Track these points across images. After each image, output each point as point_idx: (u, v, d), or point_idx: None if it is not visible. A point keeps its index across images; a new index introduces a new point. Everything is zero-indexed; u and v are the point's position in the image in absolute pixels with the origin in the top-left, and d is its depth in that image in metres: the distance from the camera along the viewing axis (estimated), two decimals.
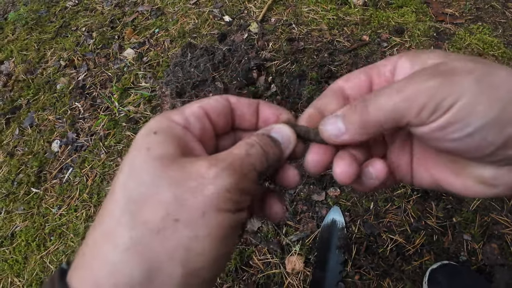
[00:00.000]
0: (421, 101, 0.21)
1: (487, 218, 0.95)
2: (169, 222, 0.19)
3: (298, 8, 1.44)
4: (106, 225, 0.20)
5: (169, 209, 0.19)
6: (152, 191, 0.20)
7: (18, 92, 1.60)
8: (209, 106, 0.25)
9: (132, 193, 0.20)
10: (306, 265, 0.94)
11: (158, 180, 0.20)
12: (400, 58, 0.26)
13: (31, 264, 1.12)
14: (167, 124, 0.23)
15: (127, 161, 0.21)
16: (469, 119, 0.21)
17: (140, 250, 0.19)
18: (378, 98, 0.23)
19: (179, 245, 0.19)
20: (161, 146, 0.21)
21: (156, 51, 1.49)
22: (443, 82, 0.21)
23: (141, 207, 0.19)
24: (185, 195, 0.20)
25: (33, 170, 1.31)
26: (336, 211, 0.99)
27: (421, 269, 0.91)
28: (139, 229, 0.19)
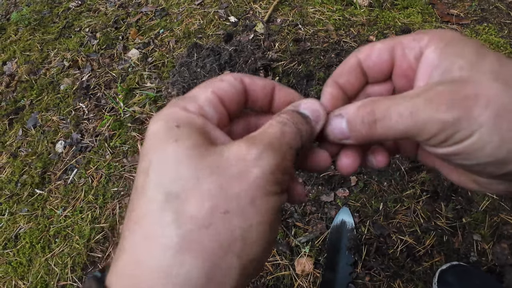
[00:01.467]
0: (432, 131, 0.21)
1: (496, 218, 0.95)
2: (218, 215, 0.18)
3: (304, 8, 1.44)
4: (147, 227, 0.18)
5: (216, 200, 0.18)
6: (193, 184, 0.18)
7: (21, 93, 1.58)
8: (223, 92, 0.24)
9: (170, 189, 0.18)
10: (315, 267, 0.94)
11: (197, 170, 0.19)
12: (430, 46, 0.24)
13: (36, 266, 1.11)
14: (186, 116, 0.21)
15: (155, 156, 0.20)
16: (476, 155, 0.20)
17: (194, 248, 0.17)
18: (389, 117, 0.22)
19: (234, 237, 0.18)
20: (190, 137, 0.20)
21: (161, 51, 1.49)
22: (460, 117, 0.20)
23: (184, 202, 0.18)
24: (230, 183, 0.18)
25: (37, 171, 1.29)
26: (345, 212, 0.98)
27: (432, 270, 0.90)
28: (187, 226, 0.18)
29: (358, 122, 0.23)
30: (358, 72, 0.27)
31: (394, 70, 0.26)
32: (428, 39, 0.24)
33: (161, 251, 0.17)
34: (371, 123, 0.22)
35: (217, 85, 0.24)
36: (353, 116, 0.24)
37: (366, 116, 0.23)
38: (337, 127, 0.25)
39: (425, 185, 1.00)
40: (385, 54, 0.26)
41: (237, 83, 0.24)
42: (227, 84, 0.24)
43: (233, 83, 0.24)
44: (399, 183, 1.02)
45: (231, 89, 0.24)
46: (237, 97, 0.24)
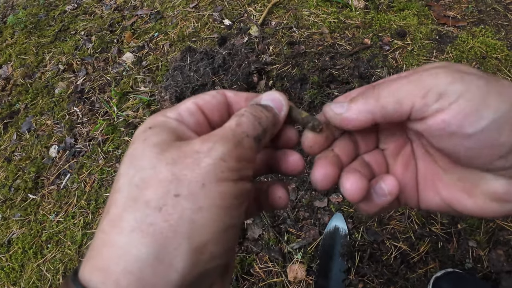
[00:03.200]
0: (426, 83, 0.21)
1: (492, 224, 0.93)
2: (170, 198, 0.19)
3: (299, 11, 1.43)
4: (112, 213, 0.20)
5: (169, 186, 0.19)
6: (151, 174, 0.20)
7: (16, 97, 1.58)
8: (203, 102, 0.26)
9: (133, 180, 0.20)
10: (308, 274, 0.92)
11: (156, 162, 0.20)
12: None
13: (28, 272, 1.10)
14: (162, 119, 0.24)
15: (127, 154, 0.22)
16: (482, 112, 0.20)
17: (145, 229, 0.19)
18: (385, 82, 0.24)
19: (183, 218, 0.19)
20: (157, 135, 0.22)
21: (156, 55, 1.48)
22: (449, 71, 0.21)
23: (143, 190, 0.20)
24: (183, 171, 0.20)
25: (30, 175, 1.29)
26: (339, 218, 0.97)
27: (426, 277, 0.89)
28: (142, 210, 0.19)
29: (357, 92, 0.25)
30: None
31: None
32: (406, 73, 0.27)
33: (119, 233, 0.19)
34: (369, 87, 0.24)
35: (200, 97, 0.26)
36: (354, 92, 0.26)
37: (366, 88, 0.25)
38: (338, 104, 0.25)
39: None
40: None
41: (219, 95, 0.26)
42: (208, 96, 0.26)
43: (214, 95, 0.26)
44: None
45: (211, 100, 0.26)
46: (218, 106, 0.26)
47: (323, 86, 1.18)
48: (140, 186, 0.20)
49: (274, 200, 0.27)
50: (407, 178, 0.27)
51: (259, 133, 0.23)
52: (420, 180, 0.27)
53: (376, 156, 0.29)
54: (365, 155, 0.29)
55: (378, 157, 0.29)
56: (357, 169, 0.26)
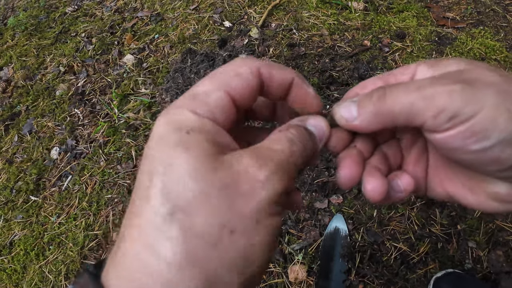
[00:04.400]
0: (440, 103, 0.21)
1: (491, 225, 0.94)
2: (226, 234, 0.18)
3: (299, 13, 1.44)
4: (151, 238, 0.18)
5: (224, 218, 0.18)
6: (202, 199, 0.18)
7: (17, 99, 1.59)
8: (237, 92, 0.22)
9: (177, 202, 0.18)
10: (309, 274, 0.93)
11: (207, 185, 0.18)
12: (419, 65, 0.25)
13: (30, 274, 1.11)
14: (196, 120, 0.20)
15: (162, 163, 0.19)
16: (489, 132, 0.20)
17: (197, 265, 0.17)
18: (397, 91, 0.22)
19: (237, 256, 0.18)
20: (200, 146, 0.19)
21: (156, 57, 1.49)
22: (465, 89, 0.20)
23: (191, 217, 0.18)
24: (238, 202, 0.18)
25: (32, 177, 1.29)
26: (339, 219, 0.98)
27: (426, 277, 0.89)
28: (193, 243, 0.17)
29: (367, 99, 0.24)
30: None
31: None
32: (417, 64, 0.25)
33: (165, 265, 0.17)
34: (381, 96, 0.23)
35: (232, 83, 0.22)
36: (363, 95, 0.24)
37: (376, 92, 0.23)
38: (346, 108, 0.25)
39: None
40: (379, 82, 0.27)
41: (254, 80, 0.22)
42: (242, 81, 0.22)
43: (249, 80, 0.22)
44: None
45: (246, 88, 0.22)
46: (252, 95, 0.23)
47: (323, 88, 1.19)
48: (187, 212, 0.18)
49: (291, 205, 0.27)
50: (418, 170, 0.28)
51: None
52: (430, 172, 0.28)
53: (393, 147, 0.29)
54: (383, 146, 0.29)
55: (395, 148, 0.29)
56: (377, 167, 0.27)
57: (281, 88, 0.24)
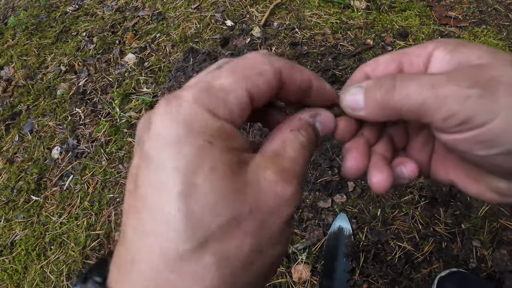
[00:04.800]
0: (453, 108, 0.20)
1: (496, 224, 0.93)
2: (256, 255, 0.18)
3: (301, 12, 1.44)
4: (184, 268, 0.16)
5: (255, 240, 0.18)
6: (233, 224, 0.17)
7: (18, 98, 1.58)
8: (257, 92, 0.19)
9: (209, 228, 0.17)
10: (313, 274, 0.92)
11: (236, 208, 0.17)
12: (437, 48, 0.23)
13: (31, 274, 1.10)
14: (218, 126, 0.18)
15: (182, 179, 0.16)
16: (497, 142, 0.20)
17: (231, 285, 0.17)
18: (409, 84, 0.21)
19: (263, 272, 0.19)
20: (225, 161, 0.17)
21: (158, 56, 1.48)
22: (482, 97, 0.19)
23: (224, 243, 0.17)
24: (266, 221, 0.18)
25: (33, 177, 1.29)
26: (343, 218, 0.97)
27: (431, 277, 0.89)
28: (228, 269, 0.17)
29: (375, 88, 0.23)
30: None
31: None
32: (434, 45, 0.23)
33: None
34: (389, 88, 0.22)
35: (254, 82, 0.19)
36: (371, 83, 0.23)
37: (385, 82, 0.22)
38: (353, 96, 0.24)
39: (424, 190, 0.99)
40: (392, 64, 0.25)
41: (274, 82, 0.20)
42: (264, 83, 0.20)
43: (270, 81, 0.20)
44: (397, 188, 1.00)
45: (266, 89, 0.20)
46: (269, 97, 0.21)
47: None
48: (220, 238, 0.17)
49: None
50: (423, 156, 0.28)
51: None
52: (434, 158, 0.28)
53: (400, 128, 0.29)
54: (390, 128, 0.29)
55: (402, 130, 0.29)
56: (383, 155, 0.27)
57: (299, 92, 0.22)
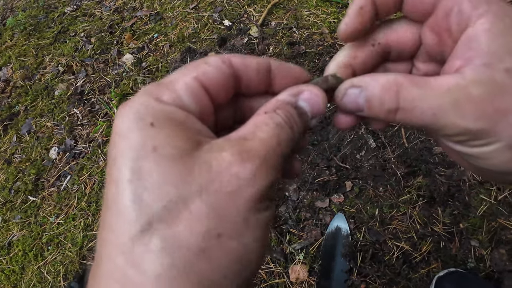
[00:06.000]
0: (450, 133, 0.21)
1: (494, 223, 0.93)
2: (212, 239, 0.16)
3: (299, 11, 1.43)
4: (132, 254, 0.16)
5: (208, 223, 0.16)
6: (181, 205, 0.16)
7: (16, 99, 1.58)
8: (208, 78, 0.20)
9: (153, 211, 0.16)
10: (310, 274, 0.92)
11: (185, 189, 0.16)
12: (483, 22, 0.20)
13: (28, 274, 1.10)
14: (161, 109, 0.18)
15: (126, 165, 0.17)
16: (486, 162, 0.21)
17: (188, 277, 0.16)
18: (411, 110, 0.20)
19: (229, 260, 0.17)
20: (170, 142, 0.17)
21: (155, 56, 1.48)
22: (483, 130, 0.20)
23: (172, 226, 0.16)
24: (222, 203, 0.17)
25: (30, 178, 1.28)
26: (341, 218, 0.97)
27: (429, 277, 0.88)
28: (178, 254, 0.16)
29: (377, 104, 0.22)
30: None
31: (430, 19, 0.23)
32: (485, 10, 0.20)
33: (153, 279, 0.16)
34: (392, 110, 0.21)
35: (201, 70, 0.20)
36: (374, 95, 0.22)
37: (388, 101, 0.21)
38: (353, 100, 0.23)
39: (422, 190, 0.98)
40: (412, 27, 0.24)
41: (225, 67, 0.20)
42: (213, 68, 0.20)
43: (220, 66, 0.20)
44: (395, 188, 1.00)
45: (217, 75, 0.20)
46: (225, 83, 0.21)
47: None
48: (167, 221, 0.16)
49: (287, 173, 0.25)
50: None
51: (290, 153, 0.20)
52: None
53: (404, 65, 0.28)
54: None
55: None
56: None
57: (259, 75, 0.22)
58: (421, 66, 0.26)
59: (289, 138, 0.20)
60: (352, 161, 1.06)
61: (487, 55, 0.20)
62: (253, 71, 0.22)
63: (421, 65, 0.27)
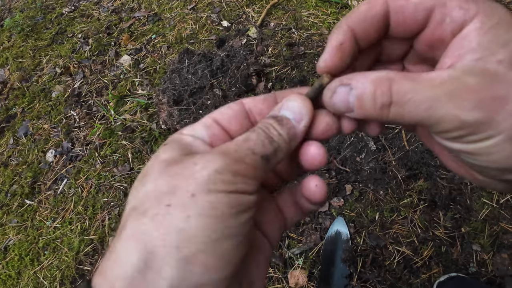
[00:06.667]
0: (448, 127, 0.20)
1: (496, 228, 0.92)
2: (162, 208, 0.20)
3: (298, 12, 1.42)
4: (120, 225, 0.21)
5: (163, 197, 0.20)
6: (152, 187, 0.21)
7: (13, 100, 1.57)
8: (219, 114, 0.25)
9: (138, 194, 0.21)
10: (309, 279, 0.91)
11: (158, 176, 0.21)
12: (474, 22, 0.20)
13: (25, 279, 1.09)
14: (176, 136, 0.24)
15: (142, 170, 0.23)
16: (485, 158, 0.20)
17: (138, 238, 0.19)
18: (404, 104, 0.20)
19: (171, 227, 0.19)
20: (167, 152, 0.23)
21: (153, 57, 1.46)
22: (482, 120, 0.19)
23: (143, 202, 0.21)
24: (178, 183, 0.20)
25: (27, 181, 1.27)
26: (340, 222, 0.96)
27: (430, 282, 0.87)
28: (137, 219, 0.20)
29: (369, 100, 0.21)
30: (381, 23, 0.23)
31: (421, 34, 0.23)
32: (475, 12, 0.20)
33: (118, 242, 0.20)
34: (384, 105, 0.21)
35: (216, 111, 0.26)
36: (365, 91, 0.21)
37: (380, 96, 0.21)
38: (343, 99, 0.22)
39: (423, 193, 0.97)
40: (422, 13, 0.22)
41: (235, 105, 0.26)
42: (224, 108, 0.26)
43: (231, 105, 0.26)
44: (396, 191, 0.99)
45: (226, 111, 0.25)
46: (234, 116, 0.25)
47: None
48: (142, 198, 0.21)
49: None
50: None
51: (268, 153, 0.22)
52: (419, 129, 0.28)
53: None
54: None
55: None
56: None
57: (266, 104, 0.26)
58: (412, 67, 0.27)
59: (259, 138, 0.22)
60: (352, 164, 1.05)
61: (478, 51, 0.20)
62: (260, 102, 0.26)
63: (411, 67, 0.27)
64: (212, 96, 1.14)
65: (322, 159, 0.24)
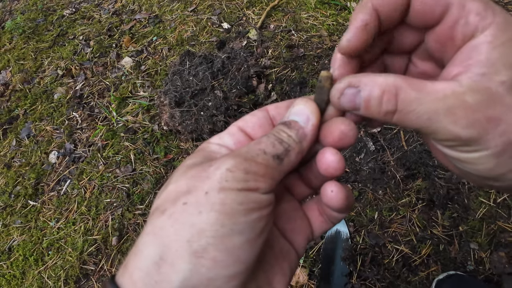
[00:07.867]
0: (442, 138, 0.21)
1: (493, 226, 0.93)
2: (179, 206, 0.21)
3: (297, 14, 1.43)
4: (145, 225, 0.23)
5: (181, 196, 0.22)
6: (173, 187, 0.23)
7: (15, 102, 1.58)
8: (243, 122, 0.27)
9: (161, 195, 0.23)
10: (310, 278, 0.92)
11: (179, 178, 0.23)
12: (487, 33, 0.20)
13: (29, 279, 1.10)
14: (204, 145, 0.27)
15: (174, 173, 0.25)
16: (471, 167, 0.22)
17: (156, 233, 0.21)
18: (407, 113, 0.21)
19: (185, 222, 0.21)
20: (192, 158, 0.25)
21: (154, 59, 1.48)
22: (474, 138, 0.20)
23: (164, 202, 0.22)
24: (196, 183, 0.22)
25: (30, 182, 1.28)
26: (340, 222, 0.97)
27: (428, 280, 0.89)
28: (157, 217, 0.22)
29: (375, 104, 0.22)
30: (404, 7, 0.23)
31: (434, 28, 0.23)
32: (490, 22, 0.20)
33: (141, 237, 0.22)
34: (389, 112, 0.22)
35: (241, 119, 0.28)
36: (372, 95, 0.22)
37: (386, 104, 0.22)
38: (350, 100, 0.23)
39: (421, 193, 0.99)
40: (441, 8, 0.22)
41: (259, 112, 0.28)
42: (249, 116, 0.28)
43: (255, 113, 0.28)
44: (394, 191, 1.00)
45: (251, 118, 0.27)
46: (258, 123, 0.27)
47: None
48: (163, 199, 0.23)
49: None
50: None
51: (279, 152, 0.24)
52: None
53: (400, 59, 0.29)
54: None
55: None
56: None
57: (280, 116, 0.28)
58: (419, 63, 0.27)
59: (270, 140, 0.24)
60: (351, 164, 1.06)
61: (485, 66, 0.20)
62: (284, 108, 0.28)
63: (419, 62, 0.27)
64: (213, 98, 1.16)
65: (338, 165, 0.24)
